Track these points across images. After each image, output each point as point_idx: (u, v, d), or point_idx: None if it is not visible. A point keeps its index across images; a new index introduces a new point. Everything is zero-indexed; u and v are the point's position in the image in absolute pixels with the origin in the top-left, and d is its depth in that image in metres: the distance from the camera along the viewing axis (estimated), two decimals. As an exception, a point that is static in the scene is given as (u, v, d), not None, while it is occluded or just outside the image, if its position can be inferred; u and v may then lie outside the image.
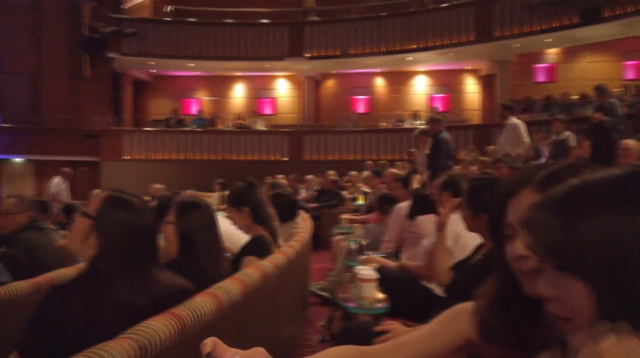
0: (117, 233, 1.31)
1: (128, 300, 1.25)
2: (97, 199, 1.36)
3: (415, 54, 12.25)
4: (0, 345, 2.01)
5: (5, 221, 2.95)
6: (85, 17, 12.73)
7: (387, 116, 12.93)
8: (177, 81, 14.32)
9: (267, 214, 2.65)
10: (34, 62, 12.72)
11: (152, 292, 1.31)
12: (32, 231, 2.94)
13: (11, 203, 3.00)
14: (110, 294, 1.23)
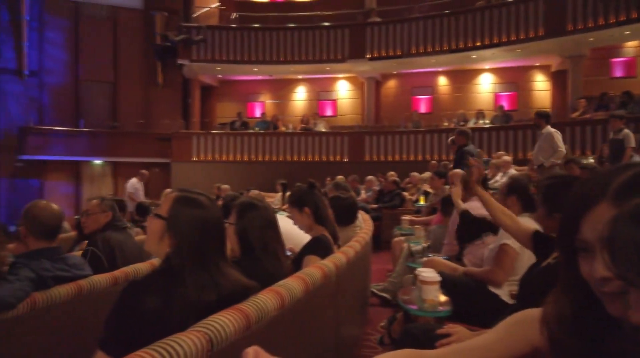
0: (187, 230, 1.37)
1: (198, 296, 1.30)
2: (168, 201, 1.43)
3: (480, 51, 11.86)
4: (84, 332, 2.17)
5: (87, 221, 3.13)
6: (158, 27, 13.44)
7: (450, 115, 12.60)
8: (242, 85, 14.76)
9: (328, 215, 2.68)
10: (111, 71, 13.61)
11: (219, 288, 1.36)
12: (112, 231, 3.11)
13: (93, 204, 3.17)
14: (182, 290, 1.29)
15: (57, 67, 13.10)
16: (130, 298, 1.27)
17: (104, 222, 3.11)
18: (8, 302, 1.84)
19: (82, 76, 13.36)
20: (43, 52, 12.90)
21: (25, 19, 12.49)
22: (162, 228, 1.39)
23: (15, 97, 12.58)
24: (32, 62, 12.70)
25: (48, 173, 12.96)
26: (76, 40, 13.26)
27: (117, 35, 13.62)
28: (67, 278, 2.18)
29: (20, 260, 2.09)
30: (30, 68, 12.66)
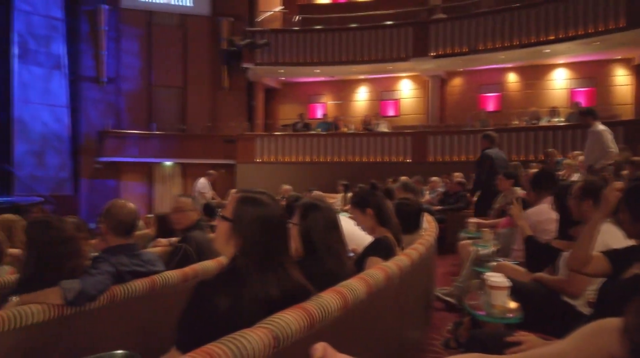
0: (251, 229, 1.40)
1: (264, 295, 1.33)
2: (232, 202, 1.47)
3: (554, 45, 11.23)
4: (157, 324, 2.29)
5: (180, 217, 3.25)
6: (224, 32, 13.92)
7: (521, 113, 12.04)
8: (304, 87, 14.95)
9: (391, 216, 2.64)
10: (181, 76, 14.26)
11: (283, 286, 1.38)
12: (197, 230, 3.22)
13: (186, 202, 3.28)
14: (248, 289, 1.32)
15: (132, 74, 13.91)
16: (200, 298, 1.32)
17: (195, 220, 3.24)
18: (91, 294, 1.97)
19: (155, 81, 14.10)
20: (119, 60, 13.75)
21: (104, 29, 13.37)
22: (229, 229, 1.43)
23: (94, 103, 13.51)
24: (109, 70, 13.58)
25: (123, 173, 13.79)
26: (149, 48, 14.02)
27: (186, 42, 14.25)
28: (142, 273, 2.30)
29: (101, 255, 2.23)
30: (107, 75, 13.54)
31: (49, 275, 1.98)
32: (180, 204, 3.30)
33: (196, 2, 14.26)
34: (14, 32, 12.01)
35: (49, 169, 12.66)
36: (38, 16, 12.53)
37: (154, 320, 2.33)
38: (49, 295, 1.88)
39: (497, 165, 5.96)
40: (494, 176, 5.84)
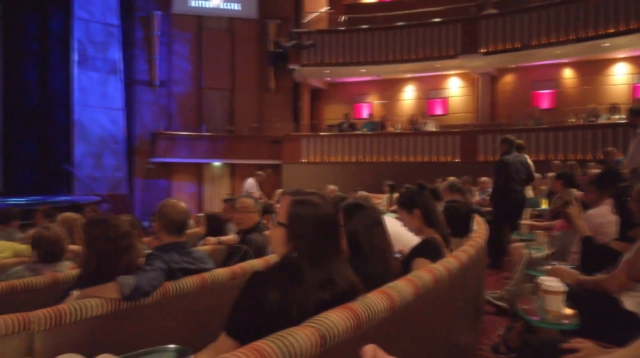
0: (305, 230, 1.41)
1: (315, 293, 1.34)
2: (284, 206, 1.48)
3: (614, 38, 10.65)
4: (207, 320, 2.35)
5: (243, 218, 3.31)
6: (271, 34, 14.13)
7: (577, 110, 11.50)
8: (350, 87, 14.92)
9: (439, 217, 2.59)
10: (229, 78, 14.58)
11: (335, 285, 1.38)
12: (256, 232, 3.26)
13: (249, 203, 3.33)
14: (300, 287, 1.34)
15: (183, 77, 14.37)
16: (252, 288, 1.36)
17: (256, 221, 3.29)
18: (145, 290, 2.05)
19: (204, 84, 14.50)
20: (171, 63, 14.23)
21: (157, 34, 13.88)
22: (284, 234, 1.44)
23: (147, 105, 14.05)
24: (161, 74, 14.08)
25: (174, 173, 14.26)
26: (199, 52, 14.42)
27: (234, 45, 14.55)
28: (193, 270, 2.37)
29: (154, 252, 2.31)
30: (160, 79, 14.04)
31: (106, 271, 2.07)
32: (244, 205, 3.34)
33: (244, 6, 14.54)
34: (74, 40, 12.67)
35: (106, 170, 13.28)
36: (96, 23, 13.16)
37: (203, 316, 2.38)
38: (107, 290, 1.97)
39: (513, 170, 5.86)
40: (509, 182, 5.76)
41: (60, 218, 3.82)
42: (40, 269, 2.73)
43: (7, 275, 2.73)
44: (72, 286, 2.17)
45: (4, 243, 3.77)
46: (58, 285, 2.55)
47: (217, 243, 3.85)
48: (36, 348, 1.73)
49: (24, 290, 2.44)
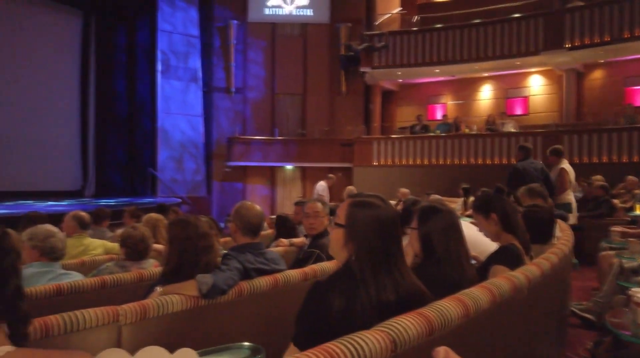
0: (365, 232, 1.41)
1: (379, 296, 1.33)
2: (343, 208, 1.49)
3: None
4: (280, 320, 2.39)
5: (314, 222, 3.35)
6: (342, 38, 14.22)
7: (677, 107, 10.47)
8: (423, 88, 14.63)
9: (519, 222, 2.46)
10: (301, 83, 14.84)
11: (398, 288, 1.36)
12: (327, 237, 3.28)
13: (320, 208, 3.35)
14: (363, 291, 1.33)
15: (257, 84, 14.84)
16: (316, 298, 1.36)
17: (326, 225, 3.33)
18: (222, 288, 2.13)
19: (277, 89, 14.88)
20: (246, 71, 14.75)
21: (233, 43, 14.46)
22: (343, 235, 1.45)
23: (224, 111, 14.66)
24: (237, 81, 14.64)
25: (249, 176, 14.75)
26: (272, 58, 14.82)
27: (306, 50, 14.80)
28: (267, 270, 2.43)
29: (230, 252, 2.40)
30: (236, 86, 14.61)
31: (187, 269, 2.19)
32: (315, 209, 3.38)
33: (316, 11, 14.75)
34: (158, 51, 13.52)
35: (186, 173, 14.01)
36: (178, 35, 13.96)
37: (276, 316, 2.44)
38: (187, 287, 2.07)
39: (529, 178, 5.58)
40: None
41: (145, 218, 4.07)
42: (128, 266, 2.93)
43: (99, 270, 2.95)
44: (155, 282, 2.31)
45: (96, 241, 4.08)
46: (143, 281, 2.72)
47: (289, 245, 3.92)
48: (123, 340, 1.86)
49: (113, 285, 2.63)
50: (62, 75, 13.00)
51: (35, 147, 12.02)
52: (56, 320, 1.69)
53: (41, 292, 2.34)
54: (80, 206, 7.85)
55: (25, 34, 11.92)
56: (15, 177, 11.56)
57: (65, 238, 2.81)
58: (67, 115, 13.20)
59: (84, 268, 3.19)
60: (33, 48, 12.10)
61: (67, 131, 13.19)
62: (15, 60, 11.65)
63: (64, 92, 13.07)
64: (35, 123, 12.08)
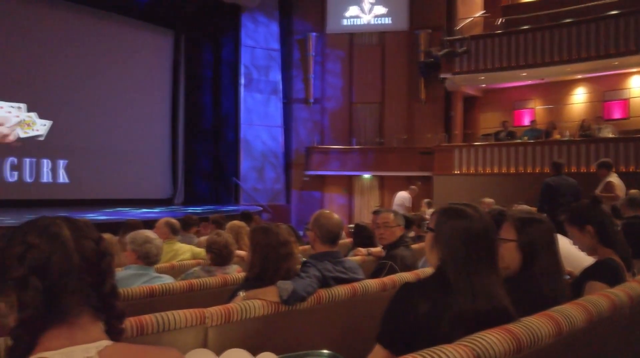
0: (451, 241, 1.41)
1: (465, 306, 1.30)
2: (435, 213, 1.51)
3: None
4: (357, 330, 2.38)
5: (385, 232, 3.32)
6: (422, 45, 14.00)
7: None
8: (508, 93, 13.97)
9: (618, 235, 2.26)
10: (379, 91, 14.79)
11: (484, 302, 1.32)
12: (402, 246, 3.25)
13: (390, 218, 3.33)
14: (450, 299, 1.32)
15: (335, 94, 15.01)
16: (403, 299, 1.37)
17: (399, 235, 3.29)
18: (301, 295, 2.17)
19: (355, 99, 14.94)
20: (324, 81, 14.99)
21: (312, 55, 14.78)
22: (432, 240, 1.48)
23: (303, 122, 14.99)
24: (316, 91, 14.91)
25: (327, 186, 14.90)
26: (350, 68, 14.93)
27: (384, 59, 14.74)
28: (345, 279, 2.43)
29: (309, 260, 2.44)
30: (314, 96, 14.89)
31: (268, 275, 2.25)
32: (384, 220, 3.35)
33: (394, 19, 14.68)
34: (241, 65, 14.15)
35: (266, 182, 14.46)
36: (260, 49, 14.53)
37: (354, 325, 2.43)
38: (268, 293, 2.13)
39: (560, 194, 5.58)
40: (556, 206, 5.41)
41: (229, 225, 4.25)
42: (213, 271, 3.07)
43: (187, 274, 3.12)
44: (238, 287, 2.40)
45: (185, 246, 4.33)
46: (227, 285, 2.83)
47: (367, 254, 3.90)
48: (209, 341, 1.94)
49: (200, 288, 2.77)
50: (155, 91, 14.01)
51: (130, 158, 13.03)
52: (150, 320, 1.81)
53: (136, 293, 2.51)
54: (170, 214, 8.37)
55: (123, 53, 13.01)
56: (113, 186, 12.59)
57: (161, 244, 3.00)
58: (159, 128, 14.18)
59: (173, 272, 3.39)
60: (129, 66, 13.17)
61: (159, 144, 14.16)
62: (112, 78, 12.73)
63: (156, 108, 14.07)
64: (131, 136, 13.10)
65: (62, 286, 0.90)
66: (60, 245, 0.92)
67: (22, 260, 0.89)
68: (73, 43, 11.96)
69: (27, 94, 11.32)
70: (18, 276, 0.88)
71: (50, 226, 0.95)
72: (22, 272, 0.88)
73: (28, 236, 0.91)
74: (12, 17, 10.95)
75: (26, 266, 0.88)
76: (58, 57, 11.69)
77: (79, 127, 12.03)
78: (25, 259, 0.89)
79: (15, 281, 0.88)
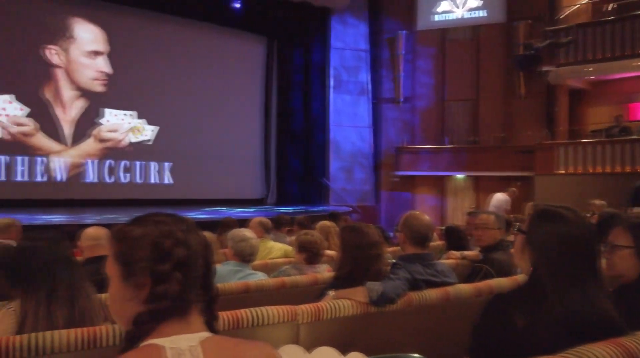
0: (545, 245, 1.32)
1: (564, 315, 1.22)
2: (529, 215, 1.44)
3: None
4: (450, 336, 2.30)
5: (482, 234, 3.21)
6: (520, 37, 13.21)
7: None
8: (621, 85, 12.71)
9: None
10: (473, 89, 14.19)
11: (585, 312, 1.21)
12: (500, 251, 3.11)
13: (491, 220, 3.22)
14: (546, 307, 1.24)
15: (426, 92, 14.65)
16: (496, 312, 1.30)
17: (498, 239, 3.17)
18: (390, 297, 2.14)
19: (447, 96, 14.48)
20: (414, 80, 14.70)
21: (401, 53, 14.56)
22: (523, 242, 1.39)
23: (392, 121, 14.82)
24: (405, 90, 14.66)
25: (417, 186, 14.59)
26: (442, 65, 14.49)
27: (478, 54, 14.12)
28: (436, 283, 2.36)
29: (398, 262, 2.40)
30: (404, 95, 14.65)
31: (357, 275, 2.25)
32: (483, 221, 3.23)
33: (490, 11, 14.03)
34: (331, 68, 14.34)
35: (355, 183, 14.50)
36: (349, 50, 14.62)
37: (445, 330, 2.35)
38: (357, 293, 2.13)
39: None
40: None
41: (318, 225, 4.33)
42: (303, 269, 3.14)
43: (279, 271, 3.22)
44: (327, 286, 2.43)
45: (277, 244, 4.48)
46: (317, 284, 2.88)
47: (461, 257, 3.76)
48: (301, 338, 1.99)
49: (291, 286, 2.84)
50: (248, 96, 14.66)
51: (226, 161, 13.76)
52: (245, 314, 1.89)
53: (233, 288, 2.65)
54: (263, 213, 8.71)
55: (219, 61, 13.77)
56: (211, 187, 13.39)
57: (257, 243, 3.14)
58: (252, 132, 14.83)
59: (266, 269, 3.52)
60: (225, 73, 13.91)
61: (253, 146, 14.80)
62: (210, 85, 13.53)
63: (250, 112, 14.72)
64: (227, 140, 13.83)
65: (192, 281, 0.97)
66: (206, 244, 1.02)
67: (170, 255, 0.95)
68: (176, 54, 12.92)
69: (137, 102, 12.44)
70: (165, 270, 0.94)
71: (192, 224, 1.02)
72: (169, 267, 0.94)
73: (177, 232, 0.98)
74: (126, 35, 12.09)
75: (173, 262, 0.95)
76: (163, 68, 12.68)
77: (182, 132, 12.96)
78: (172, 254, 0.96)
79: (159, 274, 0.94)
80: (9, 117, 10.66)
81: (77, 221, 7.61)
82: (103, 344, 1.64)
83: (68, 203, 11.15)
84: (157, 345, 0.91)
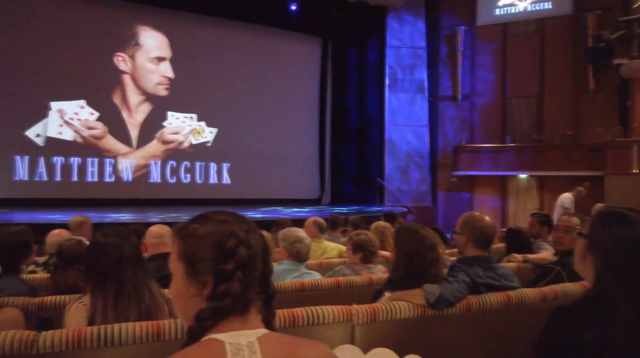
0: (610, 250, 1.23)
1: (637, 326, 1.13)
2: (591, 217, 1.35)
3: None
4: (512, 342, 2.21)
5: (564, 237, 3.04)
6: (589, 29, 12.47)
7: None
8: (702, 77, 11.71)
9: None
10: (537, 84, 13.55)
11: None
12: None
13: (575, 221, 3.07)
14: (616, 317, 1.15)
15: (486, 89, 14.16)
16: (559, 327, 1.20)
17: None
18: (449, 300, 2.08)
19: (509, 93, 13.92)
20: (474, 76, 14.25)
21: (460, 49, 14.16)
22: (584, 246, 1.31)
23: (450, 120, 14.43)
24: (464, 87, 14.24)
25: (476, 187, 14.12)
26: (503, 61, 13.96)
27: (543, 48, 13.48)
28: (497, 287, 2.27)
29: (458, 264, 2.33)
30: (463, 93, 14.23)
31: (414, 278, 2.20)
32: (567, 223, 3.08)
33: (556, 3, 13.38)
34: (386, 66, 14.18)
35: (411, 183, 14.26)
36: (405, 48, 14.39)
37: (508, 336, 2.26)
38: (414, 296, 2.09)
39: None
40: None
41: (374, 226, 4.30)
42: (358, 269, 3.12)
43: (334, 271, 3.22)
44: (383, 287, 2.40)
45: (332, 244, 4.49)
46: (372, 285, 2.86)
47: (523, 261, 3.61)
48: (356, 339, 1.98)
49: (346, 285, 2.84)
50: (304, 97, 14.80)
51: (282, 161, 13.97)
52: (301, 313, 1.91)
53: (288, 287, 2.67)
54: (318, 213, 8.75)
55: (275, 63, 14.00)
56: (267, 187, 13.65)
57: (310, 243, 3.16)
58: (308, 132, 14.95)
59: (321, 269, 3.53)
60: (281, 74, 14.13)
61: (308, 147, 14.93)
62: (266, 87, 13.78)
63: (305, 112, 14.86)
64: (282, 140, 14.05)
65: (252, 280, 1.00)
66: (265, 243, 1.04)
67: (233, 254, 0.98)
68: (233, 58, 13.28)
69: (197, 105, 12.89)
70: (228, 270, 0.96)
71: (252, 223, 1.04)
72: (232, 266, 0.97)
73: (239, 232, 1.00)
74: (187, 40, 12.58)
75: (235, 261, 0.97)
76: (221, 71, 13.08)
77: (239, 133, 13.31)
78: (235, 254, 0.98)
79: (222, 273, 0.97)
80: (81, 121, 11.38)
81: (143, 220, 7.98)
82: (166, 337, 1.71)
83: (134, 202, 11.76)
84: (217, 339, 0.94)
